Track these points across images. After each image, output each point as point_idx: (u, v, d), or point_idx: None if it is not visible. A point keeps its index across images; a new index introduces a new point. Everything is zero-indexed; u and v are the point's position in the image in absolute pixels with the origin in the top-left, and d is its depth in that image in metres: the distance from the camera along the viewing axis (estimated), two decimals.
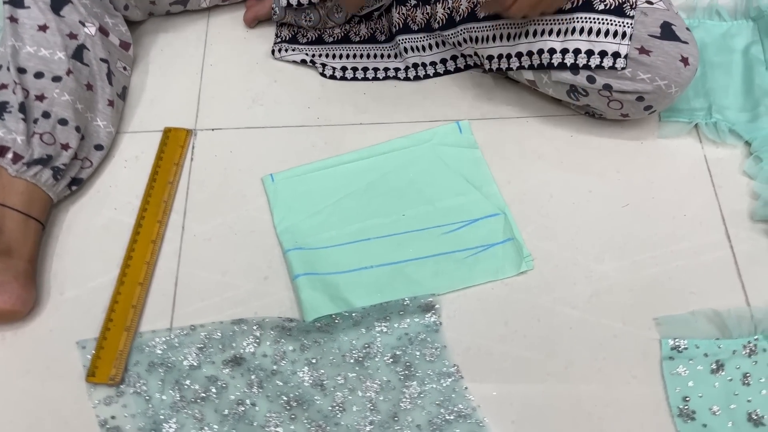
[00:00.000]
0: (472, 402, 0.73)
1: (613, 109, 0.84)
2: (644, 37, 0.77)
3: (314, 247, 0.82)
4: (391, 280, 0.81)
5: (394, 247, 0.83)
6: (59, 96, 0.82)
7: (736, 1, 1.00)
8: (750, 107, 0.90)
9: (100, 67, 0.88)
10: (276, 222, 0.85)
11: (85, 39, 0.87)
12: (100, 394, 0.75)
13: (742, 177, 0.87)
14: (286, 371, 0.75)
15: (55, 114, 0.82)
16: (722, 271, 0.80)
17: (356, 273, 0.81)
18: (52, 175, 0.82)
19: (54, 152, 0.82)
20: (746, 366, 0.73)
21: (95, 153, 0.88)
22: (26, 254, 0.79)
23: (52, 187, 0.82)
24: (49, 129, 0.81)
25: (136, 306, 0.79)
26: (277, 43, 1.00)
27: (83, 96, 0.85)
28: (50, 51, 0.84)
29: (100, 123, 0.88)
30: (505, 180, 0.87)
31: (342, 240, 0.83)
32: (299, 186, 0.87)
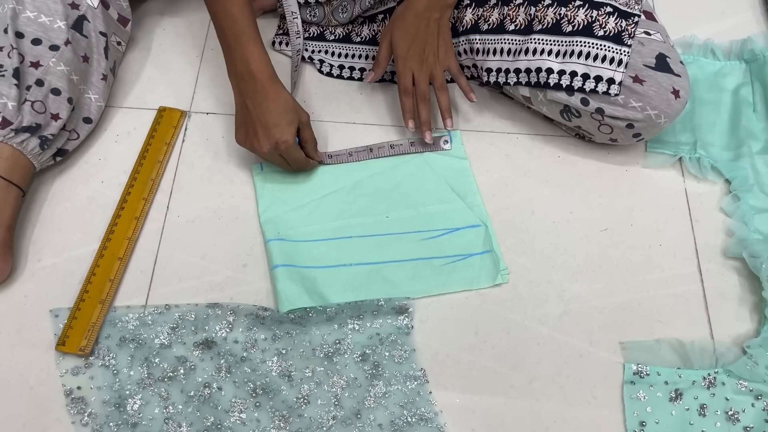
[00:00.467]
0: (434, 407, 0.74)
1: (603, 133, 0.86)
2: (639, 67, 0.79)
3: (295, 240, 0.83)
4: (368, 279, 0.82)
5: (374, 247, 0.84)
6: (55, 65, 0.82)
7: (732, 42, 1.02)
8: (734, 146, 0.92)
9: (99, 40, 0.88)
10: (260, 211, 0.86)
11: (86, 10, 0.87)
12: (68, 363, 0.75)
13: (719, 214, 0.89)
14: (256, 359, 0.76)
15: (49, 83, 0.82)
16: (691, 303, 0.82)
17: (334, 269, 0.82)
18: (39, 144, 0.81)
19: (43, 121, 0.81)
20: (704, 397, 0.75)
21: (83, 126, 0.88)
22: (4, 221, 0.78)
23: (38, 156, 0.82)
24: (41, 98, 0.81)
25: (113, 280, 0.79)
26: (278, 34, 1.01)
27: (79, 67, 0.85)
28: (50, 18, 0.83)
29: (91, 96, 0.88)
30: (489, 192, 0.89)
31: (323, 235, 0.84)
32: (287, 177, 0.88)
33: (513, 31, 0.85)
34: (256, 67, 0.78)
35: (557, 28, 0.82)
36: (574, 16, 0.81)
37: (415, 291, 0.81)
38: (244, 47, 0.78)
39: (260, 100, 0.79)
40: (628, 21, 0.80)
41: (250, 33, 0.79)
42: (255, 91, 0.79)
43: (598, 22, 0.80)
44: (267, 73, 0.79)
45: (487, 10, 0.88)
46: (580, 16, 0.81)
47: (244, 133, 0.82)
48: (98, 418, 0.72)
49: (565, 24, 0.82)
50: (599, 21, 0.80)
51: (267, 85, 0.79)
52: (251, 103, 0.79)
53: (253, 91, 0.79)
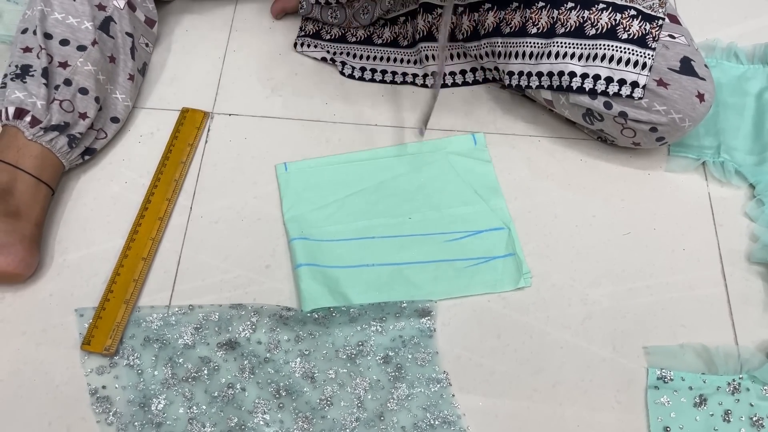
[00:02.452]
0: (457, 410, 0.74)
1: (626, 137, 0.86)
2: (663, 70, 0.79)
3: (319, 239, 0.84)
4: (391, 280, 0.82)
5: (397, 248, 0.84)
6: (82, 65, 0.83)
7: (755, 45, 1.01)
8: (758, 151, 0.92)
9: (125, 40, 0.89)
10: (284, 210, 0.86)
11: (113, 11, 0.88)
12: (94, 363, 0.75)
13: (743, 218, 0.88)
14: (279, 360, 0.76)
15: (77, 82, 0.83)
16: (714, 307, 0.82)
17: (357, 269, 0.82)
18: (68, 142, 0.82)
19: (72, 120, 0.82)
20: (728, 403, 0.75)
21: (111, 125, 0.89)
22: (34, 218, 0.79)
23: (66, 154, 0.83)
24: (69, 97, 0.82)
25: (138, 280, 0.80)
26: (300, 36, 1.01)
27: (106, 67, 0.86)
28: (78, 20, 0.84)
29: (118, 96, 0.89)
30: (512, 195, 0.89)
31: (347, 235, 0.84)
32: (311, 177, 0.88)
33: (535, 35, 0.85)
34: None
35: (580, 31, 0.82)
36: (597, 19, 0.81)
37: (437, 293, 0.81)
38: None
39: None
40: (652, 24, 0.80)
41: None
42: None
43: (622, 25, 0.80)
44: None
45: (509, 13, 0.88)
46: (604, 19, 0.81)
47: None
48: (123, 417, 0.73)
49: (588, 27, 0.82)
50: (623, 24, 0.80)
51: None
52: None
53: None
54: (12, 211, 0.78)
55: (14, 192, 0.78)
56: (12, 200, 0.78)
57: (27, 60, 0.82)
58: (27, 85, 0.81)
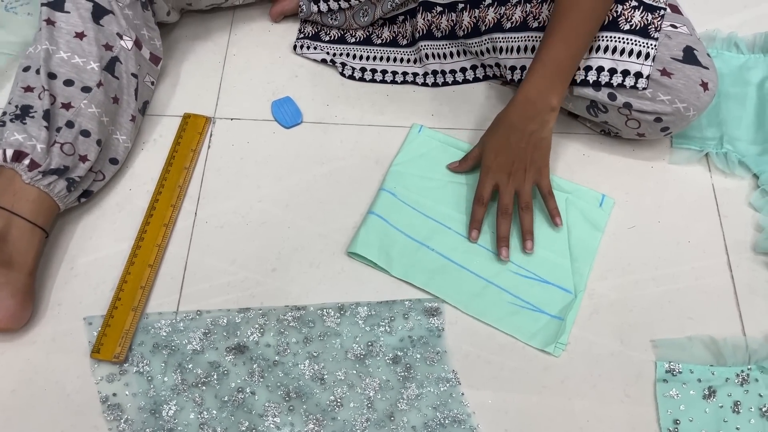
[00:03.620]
0: (467, 408, 0.74)
1: (630, 128, 0.86)
2: (667, 60, 0.79)
3: (404, 201, 0.85)
4: (438, 272, 0.82)
5: (463, 249, 0.84)
6: (86, 107, 0.80)
7: (755, 35, 1.01)
8: (761, 141, 0.92)
9: (130, 81, 0.87)
10: (395, 161, 0.88)
11: (119, 51, 0.85)
12: (104, 371, 0.76)
13: (748, 209, 0.88)
14: (288, 363, 0.77)
15: (79, 125, 0.80)
16: (721, 299, 0.82)
17: (417, 245, 0.83)
18: (66, 186, 0.79)
19: (72, 163, 0.79)
20: (738, 394, 0.75)
21: (110, 167, 0.86)
22: (27, 266, 0.76)
23: (64, 198, 0.80)
24: (71, 139, 0.79)
25: (145, 287, 0.80)
26: (299, 38, 1.01)
27: (109, 109, 0.84)
28: (84, 60, 0.82)
29: (119, 137, 0.87)
30: None
31: (429, 212, 0.86)
32: (434, 150, 0.90)
33: (537, 28, 0.85)
34: None
35: None
36: None
37: (470, 308, 0.80)
38: None
39: None
40: (654, 14, 0.80)
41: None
42: None
43: (624, 16, 0.80)
44: None
45: (509, 9, 0.88)
46: None
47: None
48: (134, 424, 0.73)
49: None
50: (625, 15, 0.80)
51: None
52: None
53: None
54: (5, 260, 0.75)
55: (8, 238, 0.75)
56: (6, 248, 0.75)
57: (28, 100, 0.79)
58: (27, 127, 0.77)
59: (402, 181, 0.87)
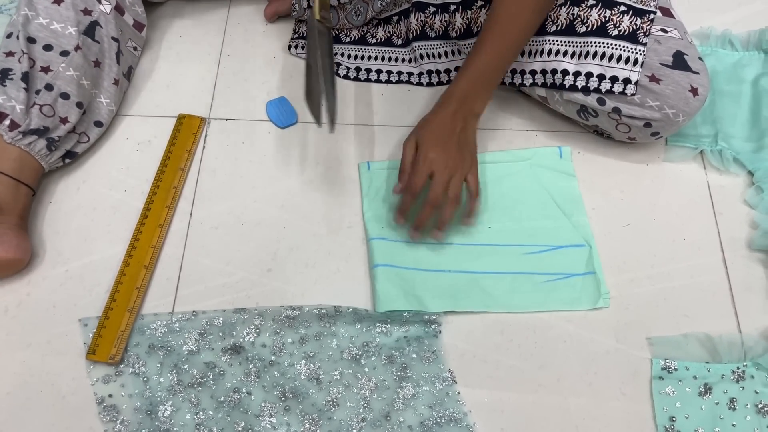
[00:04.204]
0: (463, 407, 0.74)
1: (621, 132, 0.86)
2: (656, 65, 0.79)
3: (397, 240, 0.84)
4: (467, 288, 0.81)
5: (474, 256, 0.83)
6: (64, 71, 0.83)
7: (749, 32, 1.01)
8: (756, 138, 0.92)
9: (111, 45, 0.89)
10: (365, 208, 0.86)
11: (99, 16, 0.87)
12: (99, 372, 0.76)
13: (743, 206, 0.88)
14: (284, 363, 0.77)
15: (58, 87, 0.83)
16: (717, 296, 0.82)
17: (433, 274, 0.82)
18: (46, 145, 0.83)
19: (51, 124, 0.83)
20: (733, 391, 0.75)
21: (94, 129, 0.89)
22: (17, 212, 0.80)
23: (45, 157, 0.83)
24: (50, 101, 0.82)
25: (140, 288, 0.80)
26: (294, 38, 1.01)
27: (90, 72, 0.86)
28: (62, 25, 0.85)
29: (103, 100, 0.89)
30: None
31: (425, 238, 0.84)
32: (390, 179, 0.88)
33: None
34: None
35: (571, 28, 0.82)
36: (587, 16, 0.81)
37: (513, 305, 0.80)
38: None
39: None
40: (643, 19, 0.80)
41: None
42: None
43: (612, 21, 0.80)
44: None
45: None
46: (594, 16, 0.81)
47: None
48: (130, 425, 0.73)
49: (578, 24, 0.82)
50: (613, 20, 0.80)
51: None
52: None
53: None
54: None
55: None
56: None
57: (7, 64, 0.82)
58: (6, 89, 0.81)
59: (382, 223, 0.85)
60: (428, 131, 0.80)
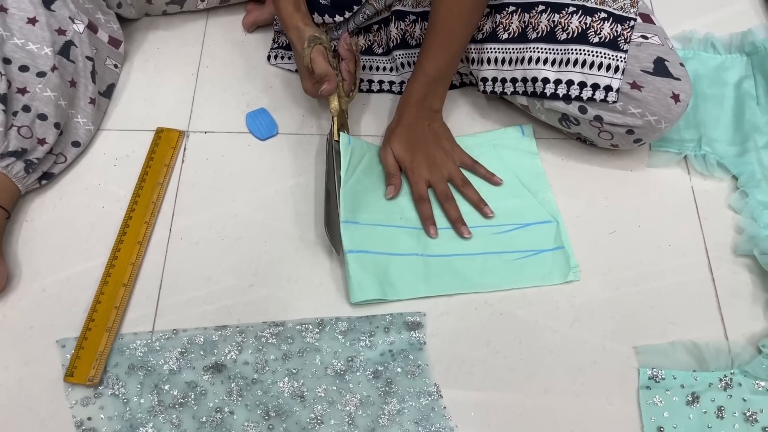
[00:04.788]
0: (449, 422, 0.73)
1: (603, 139, 0.85)
2: (637, 72, 0.78)
3: (369, 224, 0.83)
4: (439, 271, 0.81)
5: (445, 239, 0.84)
6: (41, 91, 0.82)
7: (732, 35, 1.01)
8: (739, 141, 0.91)
9: (86, 64, 0.88)
10: (343, 181, 0.85)
11: (73, 35, 0.86)
12: (78, 394, 0.74)
13: (728, 210, 0.88)
14: (267, 381, 0.75)
15: (36, 108, 0.82)
16: (703, 303, 0.81)
17: (406, 258, 0.82)
18: (24, 167, 0.81)
19: (30, 146, 0.82)
20: (721, 399, 0.74)
21: (71, 149, 0.88)
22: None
23: (23, 179, 0.82)
24: (28, 123, 0.81)
25: (119, 307, 0.78)
26: (273, 48, 1.00)
27: (66, 92, 0.85)
28: (38, 46, 0.83)
29: (80, 120, 0.88)
30: None
31: (396, 223, 0.84)
32: (372, 157, 0.89)
33: (507, 40, 0.85)
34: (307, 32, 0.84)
35: (551, 36, 0.81)
36: (568, 23, 0.81)
37: (486, 284, 0.81)
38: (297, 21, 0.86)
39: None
40: (623, 26, 0.79)
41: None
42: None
43: (593, 28, 0.79)
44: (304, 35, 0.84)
45: (480, 19, 0.87)
46: (574, 23, 0.80)
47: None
48: None
49: (559, 32, 0.81)
50: (594, 27, 0.79)
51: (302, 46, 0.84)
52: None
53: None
54: None
55: None
56: None
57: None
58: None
59: (355, 206, 0.84)
60: (401, 140, 0.85)
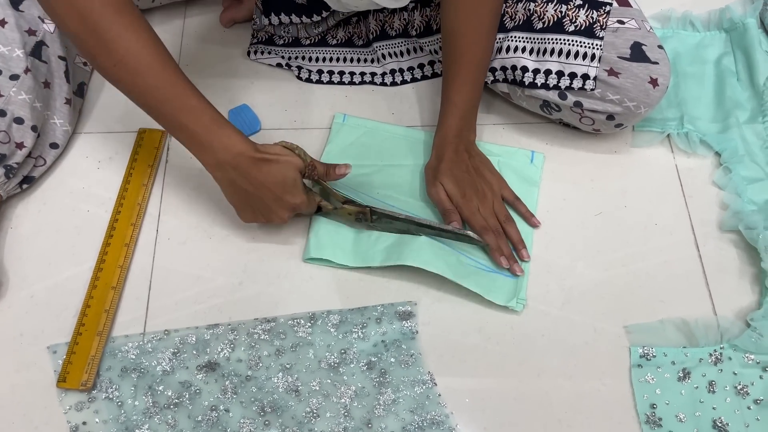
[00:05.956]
0: (445, 409, 0.74)
1: (585, 124, 0.86)
2: (614, 59, 0.78)
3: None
4: (394, 246, 0.81)
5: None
6: (16, 95, 0.81)
7: (710, 12, 1.02)
8: (721, 118, 0.92)
9: (59, 64, 0.86)
10: (324, 152, 0.87)
11: (44, 35, 0.85)
12: (72, 399, 0.74)
13: (712, 187, 0.89)
14: (261, 377, 0.75)
15: (11, 112, 0.81)
16: (691, 280, 0.82)
17: (371, 233, 0.83)
18: (4, 173, 0.81)
19: (8, 151, 0.81)
20: (712, 374, 0.75)
21: (50, 151, 0.87)
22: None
23: (3, 185, 0.82)
24: (5, 127, 0.80)
25: (109, 310, 0.78)
26: (253, 44, 1.00)
27: (41, 94, 0.84)
28: (8, 48, 0.82)
29: (56, 121, 0.87)
30: None
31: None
32: (362, 136, 0.89)
33: None
34: (239, 149, 0.71)
35: (528, 24, 0.82)
36: (544, 11, 0.81)
37: (433, 265, 0.78)
38: (218, 135, 0.70)
39: (258, 178, 0.72)
40: (599, 12, 0.79)
41: (218, 116, 0.71)
42: (249, 173, 0.72)
43: (568, 17, 0.80)
44: (251, 150, 0.71)
45: None
46: (550, 11, 0.80)
47: (252, 212, 0.77)
48: None
49: (535, 20, 0.81)
50: (569, 16, 0.80)
51: (259, 160, 0.71)
52: (249, 185, 0.73)
53: (245, 173, 0.72)
54: None
55: None
56: None
57: None
58: None
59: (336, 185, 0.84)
60: (449, 177, 0.82)
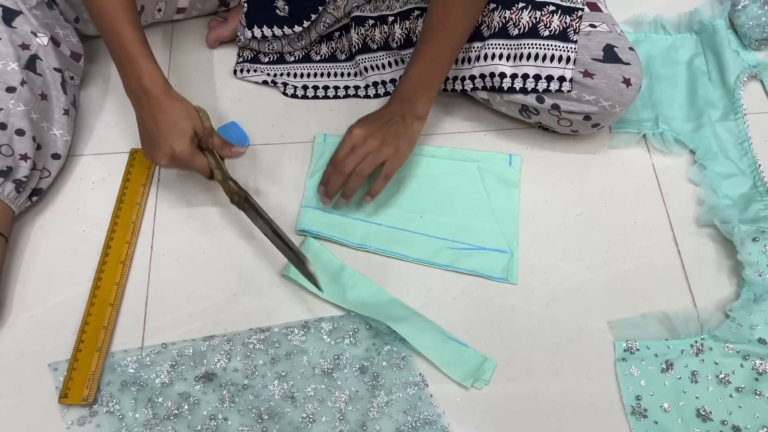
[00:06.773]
0: (437, 409, 0.76)
1: (563, 126, 0.88)
2: (587, 61, 0.81)
3: (329, 212, 0.88)
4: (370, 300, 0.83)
5: (399, 240, 0.86)
6: (14, 107, 0.82)
7: (680, 15, 1.05)
8: (694, 117, 0.95)
9: (54, 76, 0.88)
10: (308, 179, 0.90)
11: (37, 49, 0.87)
12: (74, 415, 0.76)
13: (688, 184, 0.91)
14: (257, 385, 0.78)
15: (12, 125, 0.82)
16: (670, 274, 0.85)
17: (356, 246, 0.86)
18: (15, 187, 0.83)
19: (14, 164, 0.82)
20: (694, 364, 0.78)
21: (53, 162, 0.89)
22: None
23: (15, 199, 0.83)
24: (6, 141, 0.82)
25: (107, 327, 0.80)
26: (239, 62, 1.02)
27: (38, 106, 0.86)
28: (3, 62, 0.83)
29: (56, 132, 0.89)
30: None
31: (355, 215, 0.87)
32: None
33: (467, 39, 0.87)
34: (148, 82, 0.78)
35: (504, 31, 0.84)
36: (519, 18, 0.84)
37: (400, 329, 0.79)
38: (134, 64, 0.78)
39: (154, 114, 0.79)
40: (571, 17, 0.82)
41: (139, 48, 0.78)
42: (150, 106, 0.79)
43: (543, 22, 0.82)
44: (160, 86, 0.79)
45: None
46: (525, 18, 0.83)
47: (147, 148, 0.82)
48: None
49: (511, 27, 0.84)
50: (544, 21, 0.82)
51: (160, 98, 0.78)
52: (147, 118, 0.79)
53: (147, 106, 0.79)
54: None
55: None
56: None
57: None
58: None
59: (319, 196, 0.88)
60: (364, 121, 0.85)
